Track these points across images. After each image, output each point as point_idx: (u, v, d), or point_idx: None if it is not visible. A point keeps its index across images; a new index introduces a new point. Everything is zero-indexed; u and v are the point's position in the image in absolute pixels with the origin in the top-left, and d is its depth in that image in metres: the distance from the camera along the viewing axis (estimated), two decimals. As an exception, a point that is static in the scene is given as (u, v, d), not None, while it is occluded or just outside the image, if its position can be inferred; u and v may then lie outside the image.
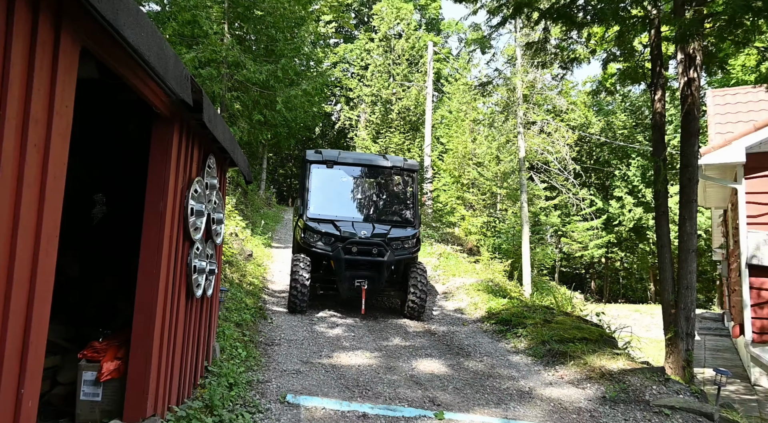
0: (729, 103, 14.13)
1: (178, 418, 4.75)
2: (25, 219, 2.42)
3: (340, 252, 9.27)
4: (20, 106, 2.33)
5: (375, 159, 10.95)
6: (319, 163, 10.36)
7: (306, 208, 10.03)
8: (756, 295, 11.00)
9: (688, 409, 6.25)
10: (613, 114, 35.51)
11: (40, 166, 2.52)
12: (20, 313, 2.46)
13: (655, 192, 8.56)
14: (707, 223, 26.44)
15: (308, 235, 9.65)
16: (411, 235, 9.95)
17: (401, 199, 10.97)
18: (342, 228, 9.52)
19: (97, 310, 5.93)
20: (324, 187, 10.38)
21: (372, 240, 9.34)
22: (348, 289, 9.45)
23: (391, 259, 9.37)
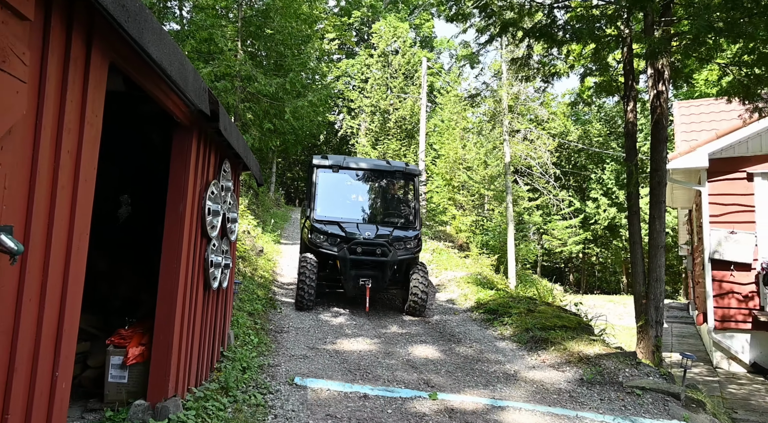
0: (694, 113, 14.15)
1: (196, 398, 4.75)
2: (59, 217, 2.43)
3: (346, 252, 8.95)
4: (55, 116, 2.34)
5: (378, 164, 10.53)
6: (326, 167, 9.99)
7: (313, 210, 9.67)
8: (718, 287, 11.02)
9: (657, 389, 6.27)
10: (589, 123, 35.54)
11: (72, 170, 2.52)
12: (55, 302, 2.46)
13: (628, 194, 8.57)
14: (674, 221, 26.47)
15: (315, 236, 9.30)
16: (413, 236, 9.63)
17: (403, 201, 10.65)
18: (347, 229, 9.21)
19: (123, 301, 5.93)
20: (330, 191, 10.04)
21: (376, 241, 9.03)
22: (353, 288, 9.14)
23: (394, 259, 9.06)
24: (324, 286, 9.58)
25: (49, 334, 2.42)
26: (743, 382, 9.82)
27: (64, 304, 2.54)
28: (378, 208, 10.46)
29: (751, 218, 10.93)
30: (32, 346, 2.30)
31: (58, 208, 2.40)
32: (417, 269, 9.38)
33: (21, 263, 2.17)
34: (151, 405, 4.22)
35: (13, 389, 2.16)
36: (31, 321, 2.28)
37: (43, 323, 2.36)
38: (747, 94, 8.16)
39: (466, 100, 22.27)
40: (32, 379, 2.31)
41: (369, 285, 8.95)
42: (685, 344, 12.68)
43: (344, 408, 5.28)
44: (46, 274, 2.36)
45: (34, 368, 2.32)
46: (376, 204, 10.50)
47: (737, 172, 11.10)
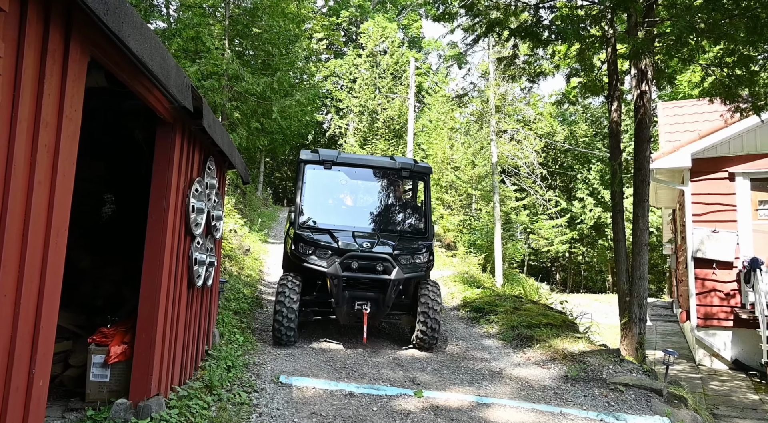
0: (677, 114, 14.30)
1: (180, 397, 4.71)
2: (36, 213, 2.39)
3: (338, 268, 6.98)
4: (31, 109, 2.30)
5: (380, 160, 8.52)
6: (315, 163, 8.00)
7: (298, 215, 7.72)
8: (700, 285, 11.14)
9: (640, 385, 6.32)
10: (575, 123, 35.77)
11: (50, 164, 2.49)
12: (32, 299, 2.43)
13: (612, 192, 8.63)
14: (659, 221, 26.73)
15: (300, 248, 7.32)
16: (423, 248, 7.64)
17: (411, 205, 8.71)
18: (340, 239, 7.27)
19: (106, 299, 5.87)
20: (320, 191, 8.21)
21: (376, 254, 7.13)
22: (347, 314, 7.23)
23: (399, 278, 7.10)
24: (310, 312, 7.58)
25: (25, 331, 2.39)
26: (725, 378, 9.93)
27: (42, 301, 2.50)
28: (380, 213, 8.40)
29: (732, 217, 11.06)
30: (7, 343, 2.26)
31: (34, 203, 2.36)
32: (428, 289, 7.43)
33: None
34: (133, 404, 4.18)
35: (-13, 386, 2.12)
36: (7, 317, 2.24)
37: (19, 320, 2.32)
38: (728, 95, 8.24)
39: (453, 100, 22.33)
40: (7, 375, 2.27)
41: (367, 310, 7.04)
42: (669, 342, 12.80)
43: (329, 406, 5.26)
44: (22, 270, 2.32)
45: (9, 365, 2.28)
46: (378, 208, 8.47)
47: (719, 172, 11.23)
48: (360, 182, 8.53)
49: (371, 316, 7.23)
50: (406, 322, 7.89)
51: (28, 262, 2.36)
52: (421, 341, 7.39)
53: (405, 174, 8.31)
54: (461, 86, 25.42)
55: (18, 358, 2.33)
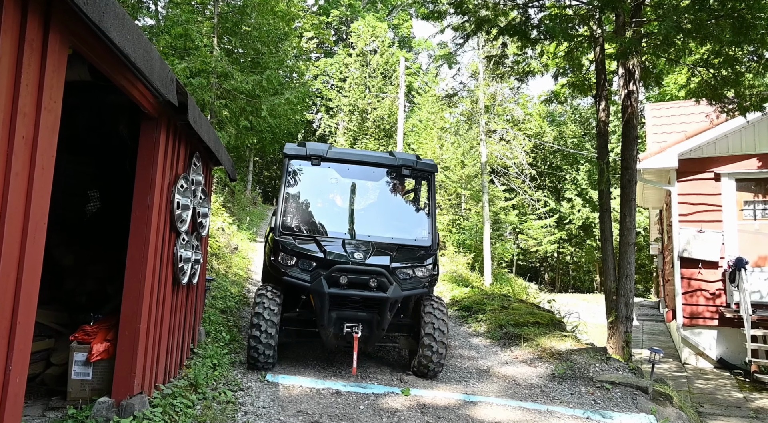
0: (665, 115, 14.40)
1: (164, 395, 4.65)
2: (12, 206, 2.33)
3: (323, 284, 5.86)
4: (8, 99, 2.25)
5: (377, 156, 7.29)
6: (302, 158, 6.86)
7: (279, 219, 6.58)
8: (687, 285, 11.22)
9: (626, 383, 6.34)
10: (564, 124, 35.97)
11: (28, 156, 2.43)
12: (8, 294, 2.37)
13: (600, 192, 8.68)
14: (646, 221, 26.94)
15: (280, 258, 6.21)
16: (425, 259, 6.46)
17: (413, 209, 7.49)
18: (328, 248, 6.17)
19: (90, 297, 5.79)
20: (306, 192, 7.07)
21: (370, 267, 6.00)
22: (334, 337, 6.11)
23: (396, 296, 5.98)
24: (292, 332, 6.42)
25: (1, 326, 2.33)
26: (710, 377, 10.01)
27: (19, 297, 2.44)
28: (376, 217, 7.27)
29: (718, 217, 11.15)
30: (-18, 339, 2.21)
31: (11, 195, 2.31)
32: (432, 307, 6.30)
33: (-30, 251, 2.08)
34: (115, 402, 4.12)
35: (-40, 382, 2.07)
36: (-19, 312, 2.19)
37: (-5, 315, 2.27)
38: (714, 96, 8.32)
39: (443, 100, 22.35)
40: (-18, 372, 2.21)
41: (357, 333, 5.93)
42: (655, 341, 12.89)
43: (316, 404, 5.23)
44: (-4, 264, 2.26)
45: (-16, 361, 2.22)
46: (373, 212, 7.37)
47: (705, 172, 11.32)
48: (353, 181, 7.25)
49: (363, 341, 6.11)
50: (405, 344, 6.72)
51: (4, 256, 2.30)
52: (425, 368, 6.24)
53: (406, 172, 7.07)
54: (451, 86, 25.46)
55: (-7, 355, 2.28)
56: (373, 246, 6.37)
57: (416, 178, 7.29)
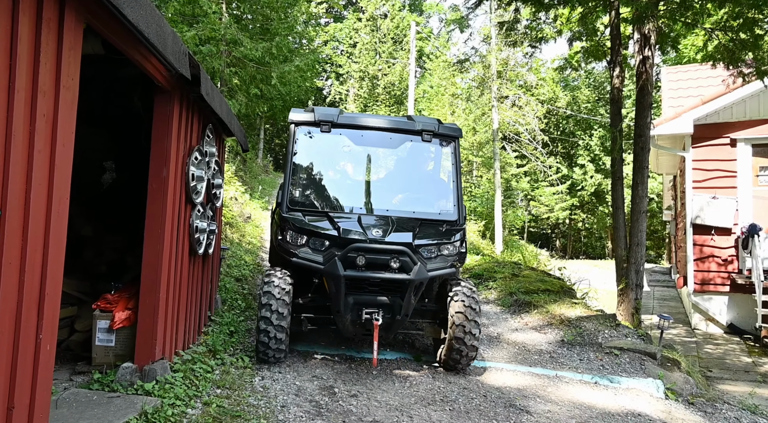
0: (681, 79, 14.14)
1: (184, 361, 4.82)
2: (37, 181, 2.42)
3: (337, 265, 5.19)
4: (29, 79, 2.30)
5: (395, 120, 6.47)
6: (310, 124, 6.14)
7: (286, 193, 5.90)
8: (698, 251, 11.22)
9: (635, 349, 6.45)
10: (578, 89, 35.36)
11: (49, 134, 2.50)
12: (36, 266, 2.47)
13: (612, 160, 8.62)
14: (659, 187, 26.71)
15: (288, 237, 5.56)
16: (452, 234, 5.79)
17: (435, 179, 6.69)
18: (342, 226, 5.48)
19: (109, 266, 5.94)
20: (315, 162, 6.37)
21: (390, 245, 5.31)
22: (351, 324, 5.46)
23: (421, 277, 5.29)
24: (304, 319, 5.66)
25: (31, 297, 2.44)
26: (719, 342, 10.11)
27: (46, 268, 2.55)
28: (394, 190, 6.60)
29: (732, 184, 11.06)
30: (14, 309, 2.32)
31: (35, 172, 2.39)
32: (462, 292, 5.55)
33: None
34: (138, 367, 4.29)
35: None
36: (12, 285, 2.29)
37: (25, 287, 2.37)
38: (732, 60, 8.15)
39: (455, 65, 22.06)
40: (16, 341, 2.34)
41: (378, 320, 5.24)
42: (666, 307, 12.97)
43: (330, 370, 5.39)
44: (25, 239, 2.36)
45: (17, 331, 2.34)
46: (392, 184, 6.71)
47: (721, 138, 11.17)
48: (368, 149, 6.53)
49: (384, 328, 5.44)
50: (429, 332, 6.03)
51: (31, 230, 2.40)
52: (454, 361, 5.53)
53: (427, 138, 6.30)
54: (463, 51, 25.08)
55: (25, 325, 2.39)
56: (392, 221, 5.66)
57: (439, 144, 6.50)
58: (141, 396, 4.06)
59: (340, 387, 4.96)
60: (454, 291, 5.57)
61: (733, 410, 5.72)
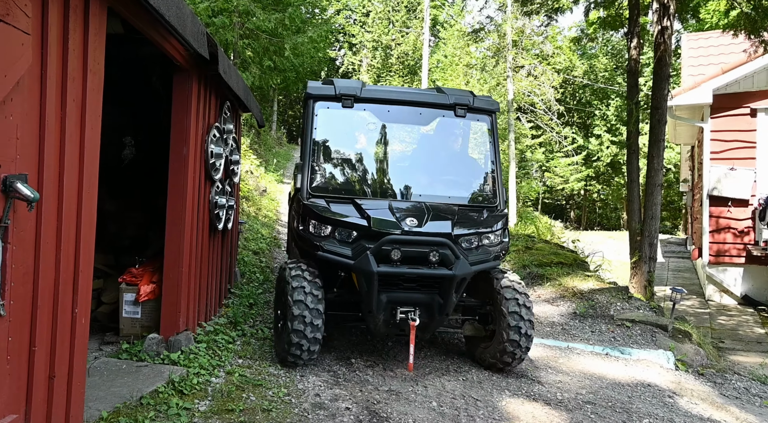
0: (702, 46, 13.84)
1: (207, 332, 5.01)
2: (69, 165, 2.53)
3: (369, 260, 4.56)
4: (58, 65, 2.39)
5: (424, 93, 5.80)
6: (330, 99, 5.40)
7: (305, 178, 5.21)
8: (714, 223, 11.19)
9: (646, 322, 6.54)
10: (595, 57, 34.70)
11: (78, 118, 2.60)
12: (70, 244, 2.61)
13: (628, 132, 8.59)
14: (677, 157, 26.39)
15: (310, 227, 4.93)
16: (494, 222, 5.15)
17: (470, 160, 6.11)
18: (372, 214, 4.80)
19: (131, 240, 6.12)
20: (337, 141, 5.73)
21: (429, 237, 4.69)
22: (384, 325, 4.87)
23: (465, 273, 4.68)
24: (332, 318, 5.01)
25: (66, 274, 2.58)
26: (733, 313, 10.16)
27: (79, 246, 2.68)
28: (426, 172, 5.86)
29: (751, 155, 10.94)
30: (52, 285, 2.46)
31: (67, 156, 2.50)
32: (511, 287, 4.96)
33: (37, 209, 2.30)
34: (164, 338, 4.49)
35: (38, 324, 2.34)
36: (49, 262, 2.43)
37: (61, 264, 2.51)
38: (753, 29, 8.00)
39: (469, 35, 21.73)
40: (54, 315, 2.49)
41: (415, 320, 4.67)
42: (681, 278, 13.00)
43: (347, 341, 5.57)
44: (60, 219, 2.49)
45: (55, 305, 2.49)
46: (423, 165, 5.97)
47: (741, 108, 11.01)
48: (396, 126, 5.91)
49: (420, 329, 4.82)
50: (470, 331, 5.28)
51: (65, 211, 2.52)
52: (504, 364, 4.99)
53: (460, 112, 5.56)
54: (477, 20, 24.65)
55: (62, 300, 2.54)
56: (427, 209, 4.99)
57: (475, 119, 5.78)
58: (167, 365, 4.26)
59: (356, 358, 5.13)
60: (503, 287, 4.95)
61: (743, 381, 5.82)
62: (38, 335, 2.34)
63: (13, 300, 2.12)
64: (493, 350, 5.00)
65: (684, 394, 5.08)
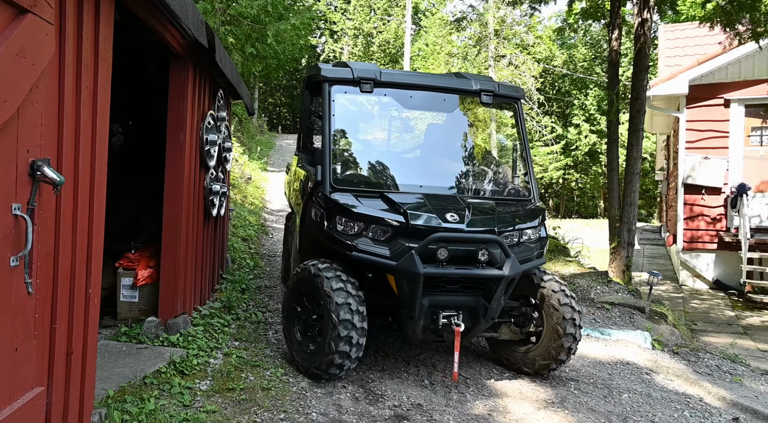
0: (678, 37, 14.18)
1: (203, 316, 5.13)
2: (83, 150, 2.62)
3: (415, 261, 4.04)
4: (74, 54, 2.47)
5: (447, 79, 5.29)
6: (347, 83, 4.82)
7: (327, 170, 4.55)
8: (689, 210, 11.56)
9: (625, 304, 6.82)
10: (575, 47, 35.08)
11: (91, 105, 2.69)
12: (84, 227, 2.70)
13: (608, 122, 8.83)
14: (653, 146, 26.92)
15: (340, 225, 4.36)
16: (534, 216, 4.75)
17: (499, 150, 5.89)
18: (409, 210, 4.27)
19: (124, 226, 6.16)
20: (357, 130, 5.32)
21: (477, 234, 4.27)
22: (423, 332, 4.35)
23: (515, 272, 4.26)
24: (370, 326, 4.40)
25: (81, 255, 2.68)
26: (705, 297, 10.56)
27: (92, 229, 2.78)
28: (454, 162, 5.37)
29: (724, 144, 11.32)
30: (69, 266, 2.56)
31: (82, 142, 2.58)
32: (557, 286, 4.64)
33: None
34: (162, 321, 4.59)
35: (58, 303, 2.44)
36: (67, 243, 2.53)
37: (77, 245, 2.61)
38: (728, 21, 8.26)
39: (451, 23, 21.84)
40: (71, 294, 2.59)
41: (460, 326, 4.21)
42: (655, 264, 13.41)
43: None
44: (76, 202, 2.58)
45: (72, 285, 2.59)
46: (449, 155, 5.47)
47: (715, 99, 11.36)
48: (418, 114, 5.53)
49: (462, 335, 4.31)
50: (506, 334, 4.78)
51: (80, 194, 2.61)
52: (558, 363, 4.62)
53: (486, 99, 5.09)
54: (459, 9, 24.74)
55: (78, 280, 2.64)
56: (464, 203, 4.54)
57: (502, 107, 5.57)
58: (167, 347, 4.37)
59: (349, 339, 5.28)
60: (546, 281, 4.65)
61: (715, 359, 6.13)
62: (59, 313, 2.44)
63: (38, 279, 2.22)
64: (543, 350, 4.59)
65: (660, 372, 5.35)
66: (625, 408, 4.40)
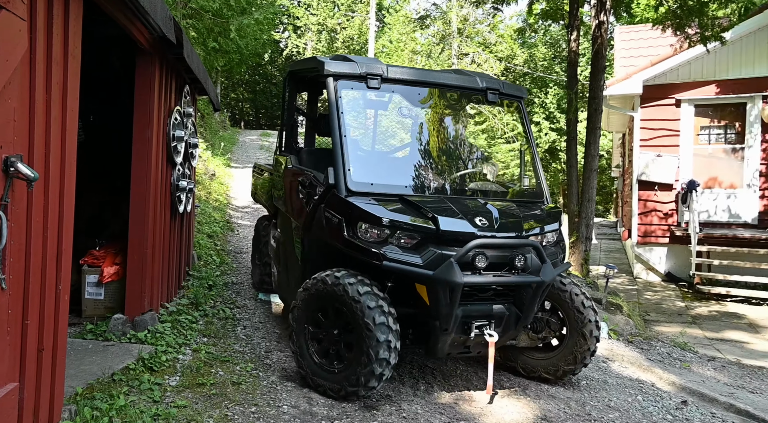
0: (633, 39, 14.66)
1: (170, 312, 5.10)
2: (53, 146, 2.61)
3: (454, 269, 3.76)
4: (44, 50, 2.46)
5: (453, 76, 5.02)
6: (353, 78, 4.50)
7: (341, 172, 4.15)
8: (643, 206, 12.01)
9: (583, 295, 7.07)
10: (535, 47, 35.76)
11: (60, 101, 2.68)
12: (54, 223, 2.70)
13: (568, 120, 9.11)
14: (609, 144, 27.73)
15: (363, 232, 3.99)
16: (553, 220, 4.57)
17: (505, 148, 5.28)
18: (438, 214, 3.97)
19: (87, 222, 6.05)
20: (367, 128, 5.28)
21: (514, 239, 4.09)
22: (450, 346, 4.11)
23: (551, 277, 4.07)
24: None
25: (52, 251, 2.67)
26: (657, 289, 11.01)
27: (62, 225, 2.77)
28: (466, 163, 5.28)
29: (675, 142, 11.79)
30: (40, 262, 2.55)
31: (52, 138, 2.58)
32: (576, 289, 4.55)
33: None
34: (129, 318, 4.56)
35: (30, 299, 2.43)
36: (38, 240, 2.52)
37: (48, 241, 2.60)
38: (679, 25, 8.63)
39: (415, 21, 21.99)
40: (42, 290, 2.58)
41: (494, 337, 4.03)
42: (611, 258, 13.87)
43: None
44: (47, 198, 2.57)
45: (42, 281, 2.58)
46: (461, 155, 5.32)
47: (667, 99, 11.80)
48: (427, 112, 5.17)
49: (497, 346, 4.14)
50: (525, 341, 4.57)
51: (51, 190, 2.60)
52: (583, 366, 4.54)
53: (492, 98, 4.89)
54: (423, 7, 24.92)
55: (48, 277, 2.63)
56: (489, 205, 4.33)
57: (506, 106, 5.35)
58: (135, 344, 4.35)
59: (317, 333, 5.34)
60: (566, 284, 4.53)
61: (666, 347, 6.44)
62: (30, 310, 2.43)
63: (11, 275, 2.22)
64: (568, 354, 4.47)
65: (616, 359, 5.60)
66: (584, 394, 4.60)
